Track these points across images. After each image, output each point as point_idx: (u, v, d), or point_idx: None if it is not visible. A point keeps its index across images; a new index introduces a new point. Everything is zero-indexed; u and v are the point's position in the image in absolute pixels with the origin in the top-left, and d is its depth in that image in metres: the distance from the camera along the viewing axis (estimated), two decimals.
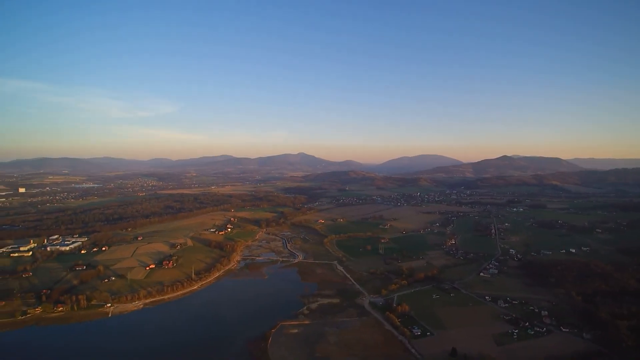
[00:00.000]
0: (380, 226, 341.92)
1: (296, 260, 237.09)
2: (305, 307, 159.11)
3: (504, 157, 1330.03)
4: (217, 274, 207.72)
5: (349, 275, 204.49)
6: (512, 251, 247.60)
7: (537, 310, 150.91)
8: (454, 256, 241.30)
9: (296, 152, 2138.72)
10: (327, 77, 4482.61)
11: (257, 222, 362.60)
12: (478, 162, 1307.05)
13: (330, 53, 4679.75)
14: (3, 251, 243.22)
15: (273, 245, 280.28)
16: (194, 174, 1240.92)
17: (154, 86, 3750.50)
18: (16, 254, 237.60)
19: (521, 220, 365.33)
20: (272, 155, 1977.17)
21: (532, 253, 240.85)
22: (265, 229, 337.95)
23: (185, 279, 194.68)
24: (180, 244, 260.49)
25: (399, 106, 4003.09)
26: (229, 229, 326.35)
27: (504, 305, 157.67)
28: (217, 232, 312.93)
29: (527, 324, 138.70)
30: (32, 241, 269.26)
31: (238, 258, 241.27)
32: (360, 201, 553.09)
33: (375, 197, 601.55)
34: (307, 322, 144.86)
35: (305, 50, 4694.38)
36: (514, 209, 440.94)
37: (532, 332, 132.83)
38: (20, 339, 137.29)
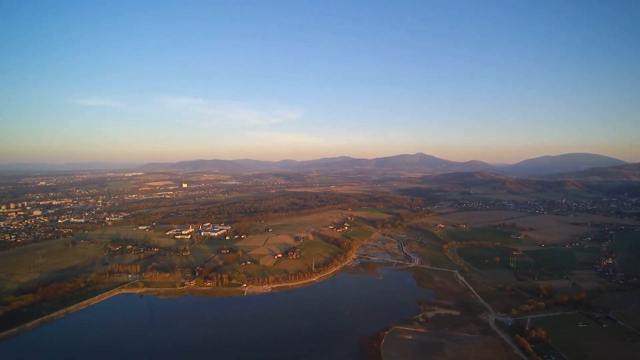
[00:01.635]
0: (512, 236, 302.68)
1: (412, 265, 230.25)
2: (420, 314, 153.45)
3: None
4: (334, 269, 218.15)
5: (471, 287, 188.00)
6: None
7: None
8: (610, 279, 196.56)
9: (414, 152, 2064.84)
10: (448, 73, 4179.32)
11: (373, 222, 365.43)
12: None
13: (450, 49, 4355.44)
14: (170, 233, 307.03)
15: (388, 246, 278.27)
16: (316, 174, 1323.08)
17: (284, 97, 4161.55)
18: (179, 236, 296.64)
19: None
20: (389, 155, 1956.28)
21: None
22: (380, 230, 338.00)
23: (306, 270, 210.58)
24: (303, 238, 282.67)
25: (536, 96, 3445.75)
26: (346, 227, 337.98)
27: None
28: (335, 229, 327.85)
29: None
30: (191, 227, 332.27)
31: (354, 256, 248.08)
32: (487, 206, 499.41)
33: (506, 202, 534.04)
34: (422, 330, 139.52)
35: (422, 47, 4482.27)
36: None
37: None
38: (180, 304, 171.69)
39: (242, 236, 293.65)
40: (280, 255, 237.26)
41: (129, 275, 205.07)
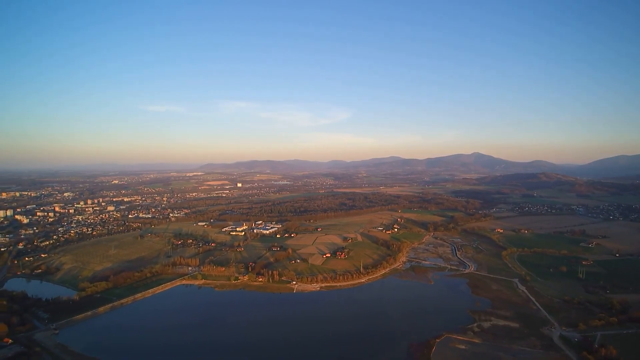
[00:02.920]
0: (582, 244, 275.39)
1: (466, 271, 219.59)
2: (475, 324, 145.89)
3: None
4: (383, 271, 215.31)
5: (533, 298, 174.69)
6: None
7: None
8: None
9: (470, 152, 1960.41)
10: (507, 69, 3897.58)
11: (424, 225, 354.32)
12: None
13: (510, 46, 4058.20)
14: (226, 230, 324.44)
15: (441, 250, 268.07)
16: (365, 175, 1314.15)
17: (333, 97, 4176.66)
18: (234, 233, 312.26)
19: None
20: (441, 155, 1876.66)
21: None
22: (432, 233, 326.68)
23: (355, 271, 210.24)
24: (351, 238, 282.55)
25: (611, 88, 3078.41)
26: (396, 229, 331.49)
27: None
28: (384, 231, 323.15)
29: None
30: (244, 224, 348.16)
31: (404, 259, 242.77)
32: (553, 211, 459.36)
33: (574, 206, 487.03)
34: (477, 340, 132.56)
35: (476, 48, 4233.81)
36: None
37: None
38: (234, 297, 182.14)
39: (292, 235, 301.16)
40: (329, 255, 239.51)
41: (189, 268, 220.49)
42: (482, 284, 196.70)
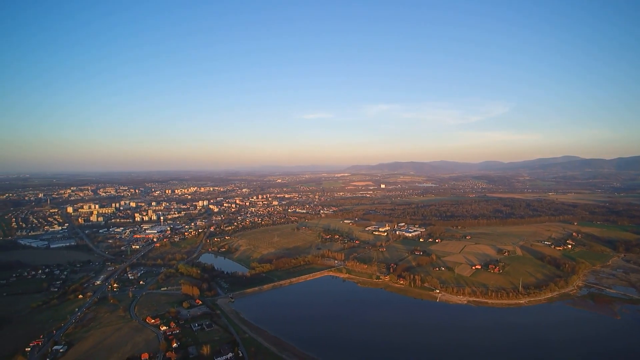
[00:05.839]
0: None
1: None
2: None
3: None
4: (549, 295, 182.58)
5: None
6: None
7: None
8: None
9: None
10: None
11: (611, 243, 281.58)
12: None
13: None
14: (369, 229, 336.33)
15: (634, 278, 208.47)
16: (527, 178, 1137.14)
17: (487, 91, 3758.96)
18: (377, 233, 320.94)
19: None
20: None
21: None
22: (623, 254, 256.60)
23: (511, 289, 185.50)
24: (508, 251, 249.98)
25: None
26: (570, 246, 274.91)
27: None
28: (552, 247, 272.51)
29: None
30: (387, 225, 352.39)
31: (579, 283, 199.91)
32: None
33: None
34: None
35: None
36: None
37: None
38: (376, 295, 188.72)
39: (437, 240, 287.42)
40: (479, 267, 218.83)
41: (335, 261, 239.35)
42: None
